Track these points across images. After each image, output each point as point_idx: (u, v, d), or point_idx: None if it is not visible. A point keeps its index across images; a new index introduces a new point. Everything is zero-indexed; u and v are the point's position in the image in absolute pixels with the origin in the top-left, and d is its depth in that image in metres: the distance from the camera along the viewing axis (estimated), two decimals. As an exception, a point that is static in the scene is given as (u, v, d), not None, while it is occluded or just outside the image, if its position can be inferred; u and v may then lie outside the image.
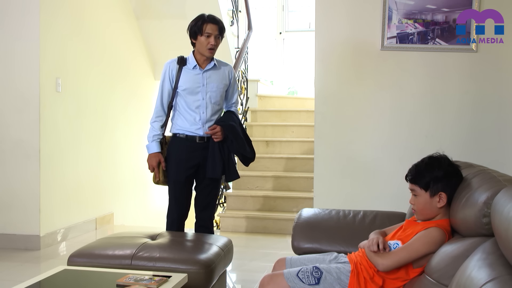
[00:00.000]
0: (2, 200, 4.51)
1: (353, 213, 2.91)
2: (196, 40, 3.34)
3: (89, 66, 5.20)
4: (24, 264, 4.05)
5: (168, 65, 3.39)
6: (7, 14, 4.44)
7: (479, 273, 1.50)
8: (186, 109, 3.36)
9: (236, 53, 6.42)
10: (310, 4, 8.30)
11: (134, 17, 6.20)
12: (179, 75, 3.35)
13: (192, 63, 3.37)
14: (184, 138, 3.37)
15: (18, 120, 4.46)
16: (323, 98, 4.11)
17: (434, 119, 3.99)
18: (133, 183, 6.12)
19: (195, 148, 3.37)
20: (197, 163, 3.39)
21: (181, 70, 3.35)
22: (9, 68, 4.47)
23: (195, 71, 3.37)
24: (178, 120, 3.39)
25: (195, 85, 3.36)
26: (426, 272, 1.99)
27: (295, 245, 2.79)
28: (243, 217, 5.37)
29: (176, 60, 3.39)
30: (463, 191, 2.04)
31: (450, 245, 1.96)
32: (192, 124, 3.36)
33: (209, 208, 3.51)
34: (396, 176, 3.99)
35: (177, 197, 3.40)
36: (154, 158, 3.38)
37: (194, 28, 3.33)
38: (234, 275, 4.03)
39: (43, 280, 2.30)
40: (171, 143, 3.42)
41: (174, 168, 3.38)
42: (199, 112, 3.36)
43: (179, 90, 3.35)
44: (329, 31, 4.08)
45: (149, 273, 2.38)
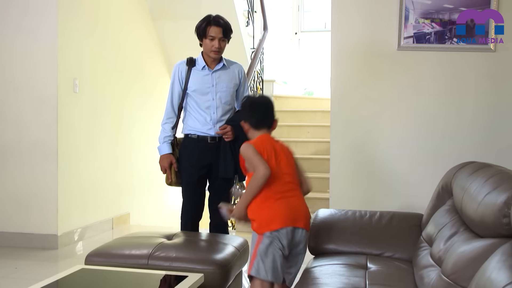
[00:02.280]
0: (20, 200, 4.56)
1: (369, 214, 2.90)
2: (202, 40, 3.36)
3: (105, 67, 5.24)
4: (42, 263, 4.09)
5: (177, 66, 3.41)
6: (26, 15, 4.49)
7: (499, 275, 1.48)
8: (197, 109, 3.37)
9: (251, 53, 6.41)
10: (325, 4, 8.27)
11: (150, 18, 6.23)
12: (189, 76, 3.36)
13: (201, 64, 3.38)
14: (195, 138, 3.38)
15: (36, 120, 4.51)
16: (339, 99, 4.09)
17: (451, 120, 3.95)
18: (149, 183, 6.15)
19: (207, 148, 3.38)
20: (209, 163, 3.39)
21: (190, 71, 3.36)
22: (27, 69, 4.52)
23: (204, 72, 3.38)
24: (189, 121, 3.40)
25: (205, 86, 3.36)
26: (443, 273, 1.97)
27: (311, 245, 2.79)
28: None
29: (185, 62, 3.40)
30: (480, 190, 2.02)
31: (468, 245, 1.94)
32: (203, 124, 3.37)
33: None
34: (412, 177, 3.97)
35: (190, 198, 3.41)
36: (166, 159, 3.38)
37: (199, 30, 3.35)
38: (250, 275, 4.02)
39: (62, 279, 2.32)
40: (182, 144, 3.43)
41: (187, 168, 3.39)
42: (209, 112, 3.37)
43: (189, 91, 3.36)
44: (345, 31, 4.06)
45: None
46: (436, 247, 2.23)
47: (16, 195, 4.57)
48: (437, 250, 2.20)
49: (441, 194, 2.65)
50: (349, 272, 2.37)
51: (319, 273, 2.38)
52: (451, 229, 2.23)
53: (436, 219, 2.50)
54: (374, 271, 2.40)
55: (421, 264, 2.33)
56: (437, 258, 2.18)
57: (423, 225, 2.72)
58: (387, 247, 2.73)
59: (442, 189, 2.64)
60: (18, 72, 4.54)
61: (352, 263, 2.52)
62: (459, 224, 2.22)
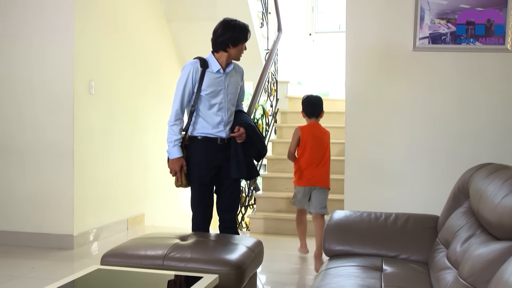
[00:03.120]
0: (37, 200, 4.61)
1: (384, 216, 2.88)
2: (235, 46, 3.36)
3: (121, 69, 5.27)
4: (58, 263, 4.13)
5: (191, 67, 3.35)
6: (42, 18, 4.54)
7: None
8: (208, 112, 3.36)
9: (266, 54, 6.42)
10: (339, 5, 8.24)
11: (165, 20, 6.27)
12: (203, 78, 3.34)
13: (215, 66, 3.38)
14: (205, 140, 3.38)
15: (52, 121, 4.55)
16: (353, 100, 4.08)
17: (466, 121, 3.92)
18: (163, 184, 6.17)
19: (216, 149, 3.39)
20: (218, 164, 3.41)
21: (204, 73, 3.36)
22: (44, 71, 4.57)
23: (218, 74, 3.38)
24: (200, 122, 3.39)
25: (218, 88, 3.37)
26: (460, 275, 1.95)
27: (326, 247, 2.78)
28: (273, 218, 5.37)
29: (198, 63, 3.36)
30: (497, 192, 2.00)
31: (485, 248, 1.92)
32: (214, 126, 3.37)
33: (233, 209, 3.53)
34: (428, 178, 3.95)
35: (202, 199, 3.41)
36: (177, 162, 3.35)
37: (240, 36, 3.35)
38: (264, 276, 4.03)
39: (78, 279, 2.34)
40: (192, 146, 3.40)
41: (198, 170, 3.39)
42: (221, 114, 3.38)
43: (203, 93, 3.34)
44: (360, 32, 4.05)
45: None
46: (453, 249, 2.21)
47: (33, 195, 4.62)
48: (453, 252, 2.19)
49: (457, 196, 2.62)
50: (364, 274, 2.36)
51: (335, 275, 2.38)
52: (467, 231, 2.21)
53: (453, 221, 2.48)
54: (389, 273, 2.39)
55: (438, 266, 2.31)
56: (453, 261, 2.16)
57: (439, 227, 2.70)
58: (403, 249, 2.71)
59: (458, 191, 2.62)
60: (35, 74, 4.59)
61: (368, 265, 2.51)
62: (476, 226, 2.20)
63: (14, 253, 4.36)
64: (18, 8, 4.60)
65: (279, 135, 6.57)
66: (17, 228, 4.64)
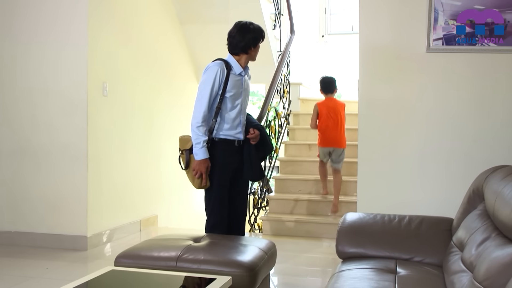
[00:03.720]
0: (51, 202, 4.65)
1: (398, 218, 2.86)
2: (255, 48, 3.46)
3: (134, 71, 5.30)
4: (72, 264, 4.16)
5: (218, 68, 3.34)
6: (56, 21, 4.58)
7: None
8: (229, 113, 3.40)
9: (278, 56, 6.42)
10: (352, 7, 8.22)
11: (178, 22, 6.29)
12: (227, 80, 3.36)
13: (238, 68, 3.42)
14: (225, 142, 3.41)
15: (67, 123, 4.59)
16: (367, 101, 4.06)
17: (481, 122, 3.88)
18: (176, 186, 6.20)
19: (234, 151, 3.44)
20: (236, 166, 3.46)
21: (229, 74, 3.38)
22: (58, 74, 4.61)
23: (239, 76, 3.43)
24: (221, 125, 3.40)
25: (239, 90, 3.43)
26: (476, 279, 1.94)
27: (339, 249, 2.77)
28: (285, 220, 5.36)
29: (224, 65, 3.38)
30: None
31: (501, 251, 1.90)
32: (233, 128, 3.41)
33: (246, 208, 3.69)
34: (442, 180, 3.92)
35: (221, 201, 3.43)
36: (204, 164, 3.34)
37: (259, 36, 3.45)
38: (277, 278, 4.02)
39: (92, 280, 2.35)
40: (214, 148, 3.41)
41: (219, 172, 3.41)
42: (239, 116, 3.43)
43: (227, 95, 3.36)
44: (373, 33, 4.04)
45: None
46: (468, 252, 2.20)
47: (47, 197, 4.66)
48: (468, 255, 2.17)
49: (472, 198, 2.60)
50: (378, 276, 2.35)
51: (348, 277, 2.37)
52: (483, 234, 2.19)
53: (467, 223, 2.46)
54: (403, 276, 2.38)
55: (452, 269, 2.30)
56: (468, 264, 2.14)
57: (453, 229, 2.68)
58: (417, 251, 2.69)
59: (473, 193, 2.60)
60: (50, 77, 4.63)
61: (381, 267, 2.49)
62: (491, 229, 2.18)
63: (29, 254, 4.40)
64: (32, 13, 4.64)
65: (291, 137, 6.56)
66: (31, 229, 4.68)
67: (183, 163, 3.43)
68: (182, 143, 3.45)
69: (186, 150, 3.41)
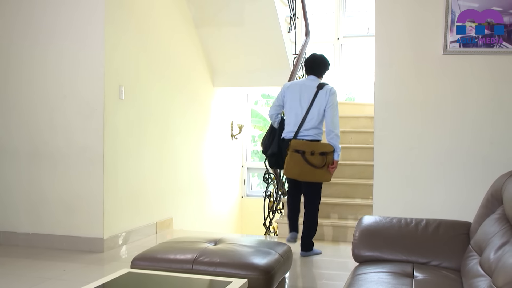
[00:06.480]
0: (67, 204, 4.68)
1: (415, 222, 2.84)
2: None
3: (150, 74, 5.33)
4: (88, 266, 4.18)
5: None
6: (73, 24, 4.62)
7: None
8: None
9: (293, 59, 6.41)
10: (368, 9, 8.19)
11: (193, 26, 6.31)
12: None
13: None
14: None
15: (84, 126, 4.63)
16: (383, 104, 4.04)
17: (499, 125, 3.84)
18: (192, 188, 6.22)
19: None
20: None
21: None
22: (74, 77, 4.65)
23: None
24: None
25: None
26: (495, 283, 1.91)
27: (355, 252, 2.76)
28: (300, 223, 5.33)
29: None
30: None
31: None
32: None
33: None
34: (459, 183, 3.88)
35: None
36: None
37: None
38: (293, 281, 4.01)
39: (109, 282, 2.37)
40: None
41: None
42: None
43: None
44: (389, 36, 4.01)
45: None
46: (486, 256, 2.17)
47: (64, 199, 4.70)
48: (487, 259, 2.14)
49: (490, 202, 2.57)
50: (395, 280, 2.33)
51: (364, 281, 2.35)
52: (501, 238, 2.16)
53: (486, 227, 2.44)
54: (421, 280, 2.36)
55: (471, 273, 2.27)
56: (487, 268, 2.12)
57: (471, 233, 2.65)
58: (434, 255, 2.67)
59: (492, 197, 2.57)
60: (67, 79, 4.67)
61: (398, 271, 2.47)
62: (510, 233, 2.16)
63: (46, 255, 4.44)
64: (49, 16, 4.69)
65: (307, 139, 6.53)
66: (48, 231, 4.72)
67: (330, 162, 4.38)
68: (328, 147, 4.40)
69: (330, 152, 4.37)
